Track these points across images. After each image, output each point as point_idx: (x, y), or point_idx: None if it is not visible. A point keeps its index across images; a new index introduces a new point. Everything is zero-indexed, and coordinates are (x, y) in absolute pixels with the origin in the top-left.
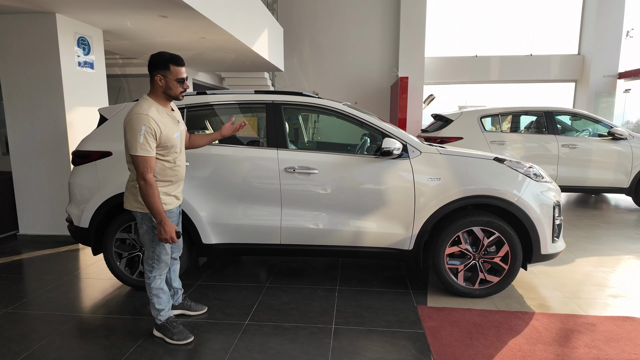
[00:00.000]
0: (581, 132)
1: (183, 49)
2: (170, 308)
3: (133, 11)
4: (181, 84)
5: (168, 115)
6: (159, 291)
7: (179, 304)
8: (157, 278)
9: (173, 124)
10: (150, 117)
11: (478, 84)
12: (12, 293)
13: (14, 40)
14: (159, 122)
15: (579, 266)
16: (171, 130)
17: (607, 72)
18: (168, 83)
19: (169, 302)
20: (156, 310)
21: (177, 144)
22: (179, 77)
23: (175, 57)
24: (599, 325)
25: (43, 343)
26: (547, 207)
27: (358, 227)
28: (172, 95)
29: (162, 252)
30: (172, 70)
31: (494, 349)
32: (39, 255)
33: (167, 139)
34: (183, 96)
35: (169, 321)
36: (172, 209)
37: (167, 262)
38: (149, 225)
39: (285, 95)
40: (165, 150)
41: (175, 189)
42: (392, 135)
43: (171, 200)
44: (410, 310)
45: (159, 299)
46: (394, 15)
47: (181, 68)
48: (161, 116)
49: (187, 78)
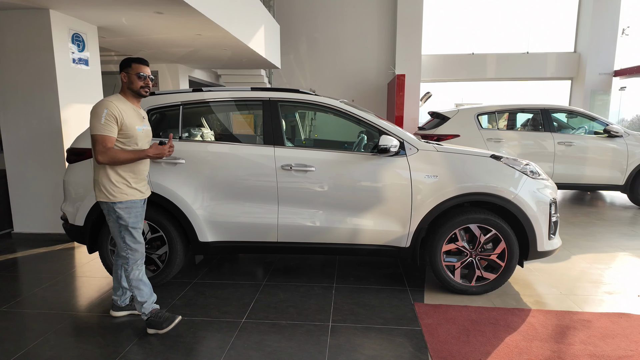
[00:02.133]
0: (577, 130)
1: (179, 45)
2: (153, 300)
3: (128, 7)
4: (141, 79)
5: (133, 109)
6: (138, 282)
7: (127, 305)
8: (135, 268)
9: (136, 117)
10: (113, 103)
11: (475, 82)
12: (6, 291)
13: (8, 36)
14: (121, 110)
15: (574, 263)
16: (134, 121)
17: (602, 70)
18: (130, 78)
19: (151, 294)
20: (139, 303)
21: (139, 135)
22: (138, 72)
23: (137, 58)
24: (595, 321)
25: (38, 342)
26: (544, 204)
27: (355, 225)
28: (134, 90)
29: (133, 241)
30: (132, 67)
31: (490, 346)
32: (34, 253)
33: (128, 128)
34: (145, 92)
35: (154, 314)
36: (136, 200)
37: (140, 250)
38: (114, 217)
39: (282, 93)
40: (126, 139)
41: (137, 182)
42: (389, 133)
43: (133, 192)
44: (407, 308)
45: (139, 291)
46: (390, 13)
47: (141, 65)
48: (125, 106)
49: (152, 78)
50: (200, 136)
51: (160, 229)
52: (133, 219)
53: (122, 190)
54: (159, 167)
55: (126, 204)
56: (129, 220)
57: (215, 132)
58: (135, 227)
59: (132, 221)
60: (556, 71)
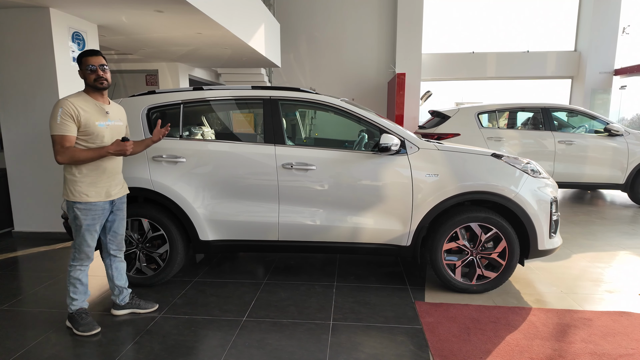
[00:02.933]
0: (577, 129)
1: (179, 44)
2: (84, 300)
3: (128, 6)
4: (93, 72)
5: (95, 104)
6: (76, 281)
7: (127, 303)
8: (77, 268)
9: (98, 113)
10: (69, 101)
11: (475, 81)
12: (7, 290)
13: (8, 35)
14: (78, 107)
15: (575, 262)
16: (93, 117)
17: (603, 68)
18: (84, 73)
19: (84, 294)
20: (70, 298)
21: (102, 132)
22: (87, 64)
23: (86, 50)
24: (596, 320)
25: (39, 340)
26: (545, 203)
27: (356, 224)
28: (89, 84)
29: (83, 244)
30: (83, 61)
31: (491, 344)
32: (35, 252)
33: (87, 124)
34: (101, 84)
35: (78, 312)
36: (97, 202)
37: (88, 254)
38: (72, 215)
39: (282, 91)
40: (87, 137)
41: (102, 181)
42: (390, 131)
43: (96, 193)
44: (408, 306)
45: (74, 289)
46: (391, 11)
47: (89, 57)
48: (85, 103)
49: (105, 67)
50: (200, 135)
51: (161, 227)
52: (90, 221)
53: (83, 190)
54: (160, 166)
55: (85, 205)
56: (85, 222)
57: (216, 130)
58: (90, 229)
59: (87, 223)
60: (556, 70)
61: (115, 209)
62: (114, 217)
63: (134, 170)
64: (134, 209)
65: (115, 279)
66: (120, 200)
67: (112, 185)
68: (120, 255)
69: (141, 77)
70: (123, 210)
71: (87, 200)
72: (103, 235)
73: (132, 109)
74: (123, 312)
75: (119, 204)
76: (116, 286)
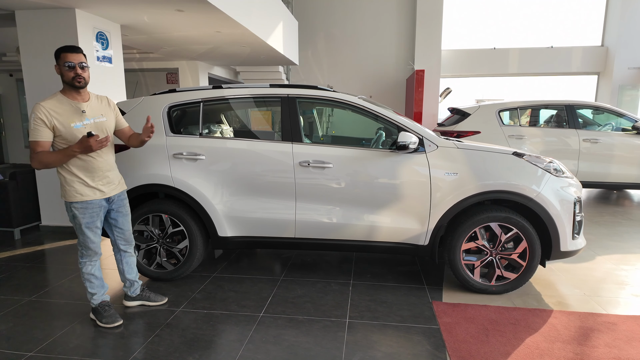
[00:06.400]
0: (604, 126)
1: (199, 43)
2: (103, 293)
3: (150, 5)
4: (71, 69)
5: (70, 105)
6: (90, 276)
7: (137, 295)
8: (87, 264)
9: (73, 114)
10: (42, 106)
11: (496, 77)
12: (35, 282)
13: (35, 35)
14: (51, 110)
15: (599, 264)
16: (68, 119)
17: (632, 64)
18: (61, 70)
19: (101, 288)
20: (89, 294)
21: (77, 133)
22: (65, 61)
23: (65, 46)
24: (620, 324)
25: (65, 331)
26: (568, 203)
27: (372, 222)
28: (67, 82)
29: (87, 241)
30: (60, 57)
31: (510, 346)
32: (61, 245)
33: (62, 127)
34: (79, 82)
35: (102, 305)
36: (92, 200)
37: (94, 249)
38: (71, 215)
39: (300, 89)
40: (65, 140)
41: (93, 179)
42: (408, 129)
43: (91, 191)
44: (425, 306)
45: (90, 284)
46: (410, 7)
47: (68, 53)
48: (60, 105)
49: (84, 65)
50: (219, 132)
51: (181, 223)
52: (88, 219)
53: (76, 189)
54: (181, 163)
55: (81, 204)
56: (83, 221)
57: (234, 128)
58: (90, 227)
59: (86, 221)
60: (582, 66)
61: (115, 206)
62: (116, 215)
63: (155, 167)
64: (155, 204)
65: (127, 272)
66: (119, 197)
67: (105, 182)
68: (130, 250)
69: (162, 76)
70: (125, 207)
71: (83, 199)
72: (110, 232)
73: (153, 107)
74: (134, 304)
75: (118, 200)
76: (127, 279)
